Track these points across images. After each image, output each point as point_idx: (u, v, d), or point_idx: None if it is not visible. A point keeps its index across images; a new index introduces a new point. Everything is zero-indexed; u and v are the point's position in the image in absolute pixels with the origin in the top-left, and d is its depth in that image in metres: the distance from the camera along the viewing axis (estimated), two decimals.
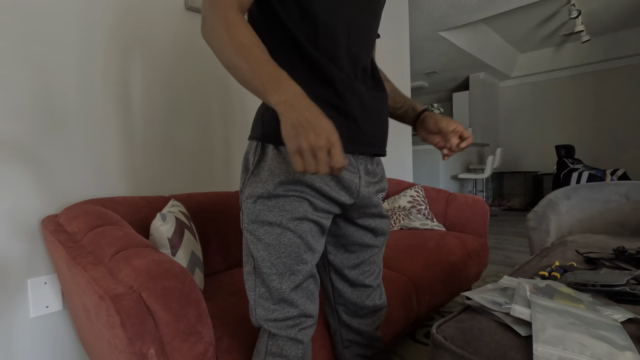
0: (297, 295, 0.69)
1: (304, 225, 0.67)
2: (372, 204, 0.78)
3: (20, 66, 1.05)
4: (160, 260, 0.70)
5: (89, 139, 1.18)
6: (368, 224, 0.79)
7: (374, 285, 0.84)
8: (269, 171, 0.66)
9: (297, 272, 0.68)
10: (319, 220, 0.70)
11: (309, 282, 0.71)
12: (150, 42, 1.33)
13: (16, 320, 1.03)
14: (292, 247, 0.67)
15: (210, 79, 1.52)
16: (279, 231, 0.66)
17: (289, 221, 0.66)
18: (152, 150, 1.34)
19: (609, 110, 5.32)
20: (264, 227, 0.67)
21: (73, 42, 1.15)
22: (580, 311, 0.63)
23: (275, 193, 0.66)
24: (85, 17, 1.17)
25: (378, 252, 0.84)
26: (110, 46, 1.23)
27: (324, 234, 0.74)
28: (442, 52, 4.72)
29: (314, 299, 0.73)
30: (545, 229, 1.64)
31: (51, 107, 1.10)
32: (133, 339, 0.61)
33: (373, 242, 0.82)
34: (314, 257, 0.71)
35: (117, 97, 1.25)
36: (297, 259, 0.67)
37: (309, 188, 0.68)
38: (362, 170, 0.74)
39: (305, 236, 0.68)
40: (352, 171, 0.72)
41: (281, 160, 0.67)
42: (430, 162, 4.47)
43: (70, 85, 1.14)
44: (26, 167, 1.06)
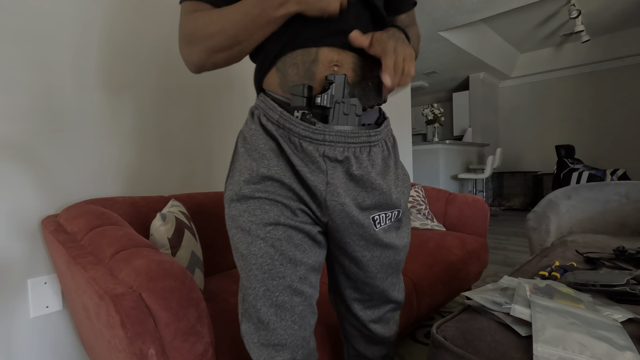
0: (276, 317, 0.59)
1: (277, 232, 0.58)
2: (361, 230, 0.62)
3: (20, 66, 1.05)
4: (160, 260, 0.70)
5: (89, 139, 1.18)
6: (359, 256, 0.65)
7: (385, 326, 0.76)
8: (238, 170, 0.60)
9: (272, 288, 0.58)
10: (301, 227, 0.60)
11: (295, 301, 0.59)
12: (150, 42, 1.33)
13: (16, 320, 1.03)
14: (264, 257, 0.58)
15: (209, 78, 1.52)
16: (249, 239, 0.58)
17: (259, 227, 0.58)
18: (152, 150, 1.34)
19: (609, 110, 5.31)
20: (237, 235, 0.60)
21: (71, 42, 1.15)
22: (580, 311, 0.63)
23: (243, 194, 0.59)
24: (81, 16, 1.17)
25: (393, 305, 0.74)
26: (109, 46, 1.23)
27: (318, 244, 0.64)
28: (442, 52, 4.72)
29: (303, 325, 0.61)
30: (545, 229, 1.64)
31: (51, 107, 1.10)
32: (133, 339, 0.61)
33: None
34: (297, 271, 0.59)
35: (117, 97, 1.25)
36: (270, 272, 0.58)
37: (281, 186, 0.59)
38: (335, 164, 0.59)
39: (279, 245, 0.58)
40: (312, 162, 0.58)
41: (246, 151, 0.61)
42: (430, 162, 4.47)
43: (70, 85, 1.14)
44: (26, 167, 1.06)
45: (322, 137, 0.58)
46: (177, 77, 1.41)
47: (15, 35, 1.04)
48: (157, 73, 1.36)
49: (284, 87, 0.61)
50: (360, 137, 0.60)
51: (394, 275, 0.72)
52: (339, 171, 0.59)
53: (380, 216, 0.64)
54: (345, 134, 0.58)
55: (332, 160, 0.59)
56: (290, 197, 0.59)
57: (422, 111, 4.83)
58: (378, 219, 0.64)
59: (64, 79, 1.13)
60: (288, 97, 0.61)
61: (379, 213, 0.64)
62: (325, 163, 0.59)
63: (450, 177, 4.65)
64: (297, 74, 0.59)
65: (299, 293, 0.60)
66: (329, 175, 0.59)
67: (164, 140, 1.37)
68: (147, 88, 1.33)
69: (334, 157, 0.59)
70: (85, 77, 1.18)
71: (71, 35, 1.15)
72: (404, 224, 0.70)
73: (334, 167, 0.59)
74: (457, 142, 4.60)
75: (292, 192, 0.60)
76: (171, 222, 0.99)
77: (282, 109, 0.59)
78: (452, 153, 4.67)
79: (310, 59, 0.59)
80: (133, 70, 1.29)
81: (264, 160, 0.59)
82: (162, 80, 1.37)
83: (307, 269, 0.61)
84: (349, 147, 0.59)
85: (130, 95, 1.28)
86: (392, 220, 0.66)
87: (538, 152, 5.99)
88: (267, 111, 0.61)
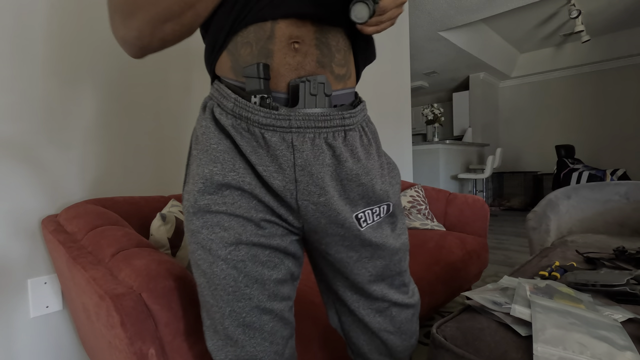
0: (245, 336, 0.54)
1: (239, 253, 0.51)
2: (342, 230, 0.54)
3: (20, 66, 1.05)
4: (160, 260, 0.70)
5: (89, 139, 1.18)
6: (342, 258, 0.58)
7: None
8: (192, 177, 0.52)
9: (238, 310, 0.53)
10: (267, 243, 0.53)
11: (264, 320, 0.55)
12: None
13: (16, 320, 1.03)
14: (227, 279, 0.52)
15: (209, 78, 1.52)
16: (211, 259, 0.52)
17: (219, 247, 0.51)
18: (152, 150, 1.34)
19: (609, 110, 5.31)
20: (198, 252, 0.53)
21: (70, 41, 1.15)
22: (580, 311, 0.63)
23: (198, 207, 0.51)
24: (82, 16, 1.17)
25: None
26: (110, 46, 1.23)
27: (292, 255, 0.57)
28: (442, 52, 4.72)
29: (274, 341, 0.56)
30: (545, 229, 1.64)
31: (51, 107, 1.10)
32: (133, 339, 0.61)
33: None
34: (265, 290, 0.54)
35: (117, 96, 1.25)
36: (235, 294, 0.52)
37: (241, 194, 0.51)
38: (306, 154, 0.50)
39: (242, 266, 0.52)
40: (275, 158, 0.50)
41: (198, 154, 0.52)
42: (430, 162, 4.47)
43: (70, 85, 1.14)
44: (26, 167, 1.06)
45: (287, 123, 0.49)
46: (180, 76, 1.41)
47: (15, 34, 1.04)
48: (157, 73, 1.36)
49: (237, 71, 0.52)
50: (333, 119, 0.51)
51: (394, 277, 0.63)
52: (310, 164, 0.50)
53: (365, 213, 0.56)
54: (314, 117, 0.50)
55: (302, 151, 0.50)
56: (253, 206, 0.52)
57: (422, 111, 4.83)
58: (363, 217, 0.56)
59: (63, 78, 1.13)
60: (242, 82, 0.52)
61: (364, 209, 0.56)
62: (293, 156, 0.50)
63: (450, 177, 4.65)
64: (251, 54, 0.50)
65: (267, 311, 0.55)
66: (297, 170, 0.50)
67: (164, 140, 1.37)
68: (147, 87, 1.33)
69: (303, 147, 0.50)
70: (84, 77, 1.18)
71: (67, 34, 1.15)
72: (400, 220, 0.62)
73: (304, 159, 0.50)
74: (457, 142, 4.60)
75: (255, 200, 0.52)
76: (171, 222, 0.99)
77: (236, 95, 0.50)
78: (452, 153, 4.67)
79: (265, 35, 0.50)
80: (131, 70, 1.29)
81: (217, 164, 0.51)
82: (162, 80, 1.37)
83: (278, 283, 0.55)
84: (320, 132, 0.50)
85: (130, 95, 1.28)
86: (381, 216, 0.58)
87: (538, 152, 5.99)
88: (220, 100, 0.52)
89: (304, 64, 0.51)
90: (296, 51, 0.50)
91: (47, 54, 1.10)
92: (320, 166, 0.51)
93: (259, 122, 0.49)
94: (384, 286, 0.62)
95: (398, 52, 2.65)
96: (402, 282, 0.65)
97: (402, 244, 0.61)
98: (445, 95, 7.22)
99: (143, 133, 1.32)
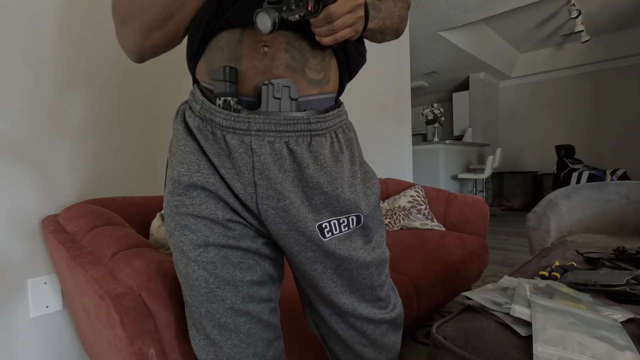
0: (222, 337, 0.55)
1: (208, 255, 0.52)
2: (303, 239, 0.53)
3: (20, 66, 1.05)
4: (160, 260, 0.70)
5: (89, 139, 1.18)
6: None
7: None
8: (166, 179, 0.54)
9: (212, 311, 0.54)
10: (236, 244, 0.53)
11: (240, 321, 0.55)
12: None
13: (16, 320, 1.03)
14: (199, 280, 0.53)
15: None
16: (185, 260, 0.53)
17: (190, 249, 0.52)
18: (152, 150, 1.34)
19: (609, 110, 5.32)
20: (175, 252, 0.55)
21: (69, 40, 1.15)
22: (580, 311, 0.63)
23: (170, 207, 0.53)
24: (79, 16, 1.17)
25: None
26: (109, 45, 1.23)
27: (266, 256, 0.57)
28: (442, 52, 4.72)
29: (252, 343, 0.57)
30: (545, 229, 1.64)
31: (51, 107, 1.10)
32: (133, 339, 0.61)
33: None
34: (239, 292, 0.54)
35: (118, 97, 1.25)
36: (207, 295, 0.53)
37: (207, 195, 0.52)
38: (265, 158, 0.50)
39: (212, 268, 0.52)
40: (234, 161, 0.50)
41: (170, 157, 0.54)
42: (430, 162, 4.47)
43: (69, 85, 1.14)
44: (26, 167, 1.06)
45: (246, 125, 0.48)
46: (178, 78, 1.41)
47: (15, 34, 1.04)
48: (153, 73, 1.36)
49: (210, 74, 0.54)
50: (297, 124, 0.50)
51: (364, 291, 0.59)
52: (268, 168, 0.50)
53: (331, 223, 0.53)
54: (275, 121, 0.49)
55: (260, 155, 0.49)
56: (219, 207, 0.52)
57: (422, 111, 4.83)
58: (328, 227, 0.53)
59: (63, 78, 1.13)
60: (212, 84, 0.54)
61: (329, 219, 0.53)
62: (252, 159, 0.49)
63: (450, 177, 4.65)
64: (222, 58, 0.51)
65: (243, 313, 0.55)
66: (256, 174, 0.50)
67: (164, 140, 1.37)
68: (148, 88, 1.33)
69: (261, 151, 0.49)
70: (83, 77, 1.18)
71: (69, 34, 1.15)
72: (376, 232, 0.59)
73: (262, 163, 0.49)
74: (457, 142, 4.61)
75: (221, 201, 0.52)
76: None
77: (204, 98, 0.52)
78: (452, 153, 4.67)
79: (235, 39, 0.50)
80: (130, 70, 1.29)
81: (184, 165, 0.52)
82: (162, 80, 1.37)
83: (253, 285, 0.55)
84: (281, 136, 0.50)
85: (130, 95, 1.28)
86: (350, 228, 0.55)
87: (538, 152, 5.99)
88: (192, 103, 0.54)
89: (272, 68, 0.50)
90: (265, 55, 0.50)
91: (48, 55, 1.10)
92: (279, 171, 0.50)
93: (221, 124, 0.50)
94: (354, 300, 0.59)
95: (398, 52, 2.65)
96: (375, 297, 0.61)
97: (374, 257, 0.58)
98: (445, 95, 7.22)
99: (143, 133, 1.32)
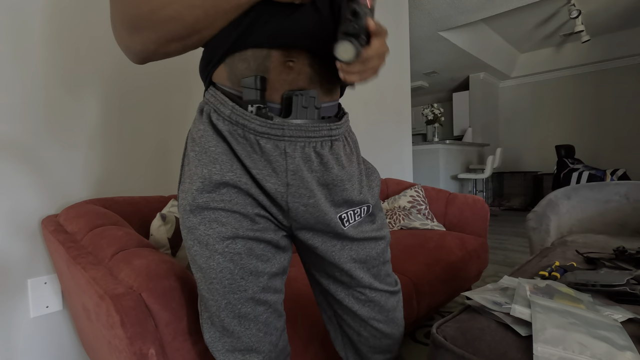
0: (241, 327, 0.58)
1: (236, 246, 0.55)
2: (328, 228, 0.59)
3: (21, 66, 1.05)
4: (160, 260, 0.70)
5: (89, 139, 1.18)
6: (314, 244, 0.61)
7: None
8: (189, 177, 0.55)
9: (234, 301, 0.57)
10: (262, 237, 0.57)
11: (259, 311, 0.59)
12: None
13: (16, 320, 1.03)
14: (224, 272, 0.55)
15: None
16: (207, 253, 0.55)
17: (217, 241, 0.55)
18: (152, 151, 1.34)
19: (609, 110, 5.32)
20: (194, 247, 0.56)
21: (68, 40, 1.15)
22: (580, 311, 0.63)
23: (197, 204, 0.54)
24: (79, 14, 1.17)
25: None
26: (109, 45, 1.23)
27: (282, 249, 0.62)
28: (442, 52, 4.72)
29: (268, 331, 0.61)
30: (545, 229, 1.64)
31: (51, 107, 1.10)
32: (133, 339, 0.61)
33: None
34: (259, 282, 0.58)
35: (117, 97, 1.25)
36: (231, 286, 0.56)
37: (237, 192, 0.55)
38: (297, 161, 0.55)
39: (238, 259, 0.55)
40: (269, 162, 0.54)
41: (196, 155, 0.55)
42: (430, 162, 4.47)
43: (69, 85, 1.14)
44: (26, 167, 1.06)
45: (281, 132, 0.53)
46: (177, 77, 1.41)
47: (14, 34, 1.04)
48: (153, 74, 1.36)
49: (233, 80, 0.56)
50: (321, 130, 0.56)
51: (379, 268, 0.67)
52: (300, 169, 0.55)
53: (348, 214, 0.61)
54: (305, 128, 0.54)
55: (293, 158, 0.55)
56: (249, 203, 0.56)
57: (422, 111, 4.84)
58: (346, 217, 0.61)
59: (62, 78, 1.13)
60: (239, 90, 0.56)
61: (347, 210, 0.61)
62: (285, 161, 0.54)
63: (450, 177, 4.65)
64: (248, 68, 0.54)
65: (262, 302, 0.59)
66: (289, 175, 0.55)
67: (164, 140, 1.37)
68: (148, 88, 1.33)
69: (295, 154, 0.55)
70: (83, 77, 1.18)
71: (68, 34, 1.15)
72: (379, 217, 0.67)
73: (295, 165, 0.55)
74: (457, 142, 4.60)
75: (250, 198, 0.56)
76: (171, 222, 0.99)
77: (234, 104, 0.54)
78: (452, 153, 4.67)
79: (262, 55, 0.53)
80: (130, 70, 1.29)
81: (216, 165, 0.54)
82: (162, 80, 1.37)
83: (270, 276, 0.59)
84: (310, 142, 0.55)
85: (129, 95, 1.28)
86: (362, 216, 0.63)
87: (538, 152, 5.99)
88: (217, 106, 0.56)
89: (297, 80, 0.55)
90: (291, 69, 0.54)
91: (48, 55, 1.10)
92: (309, 172, 0.56)
93: (255, 129, 0.53)
94: (370, 276, 0.66)
95: (398, 52, 2.65)
96: (386, 273, 0.69)
97: (383, 235, 0.66)
98: (445, 95, 7.22)
99: (143, 133, 1.32)
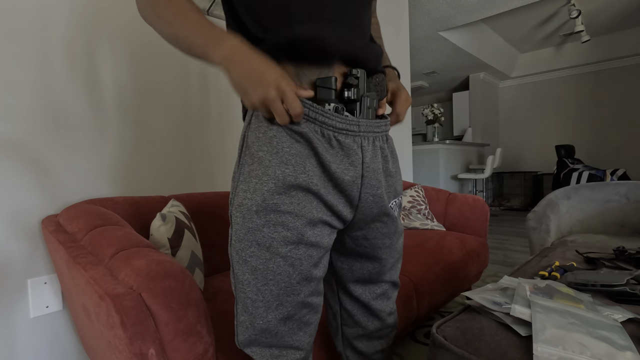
0: (285, 327, 0.60)
1: (299, 252, 0.56)
2: (386, 218, 0.65)
3: (20, 66, 1.05)
4: (160, 260, 0.70)
5: (89, 139, 1.18)
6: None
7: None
8: (257, 177, 0.55)
9: (285, 304, 0.58)
10: (321, 243, 0.59)
11: (303, 312, 0.61)
12: (158, 44, 1.33)
13: (16, 320, 1.03)
14: (282, 275, 0.56)
15: (208, 79, 1.52)
16: (268, 256, 0.55)
17: (281, 245, 0.55)
18: (152, 150, 1.34)
19: (609, 110, 5.32)
20: (251, 248, 0.56)
21: (67, 40, 1.15)
22: (580, 311, 0.63)
23: (265, 205, 0.55)
24: (78, 14, 1.17)
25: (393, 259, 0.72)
26: (108, 45, 1.23)
27: (328, 252, 0.64)
28: (442, 52, 4.73)
29: (307, 331, 0.63)
30: (545, 229, 1.64)
31: (51, 107, 1.10)
32: (133, 339, 0.61)
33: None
34: (310, 286, 0.60)
35: (117, 97, 1.25)
36: (286, 289, 0.57)
37: (306, 194, 0.56)
38: (371, 154, 0.60)
39: (299, 264, 0.57)
40: (347, 156, 0.57)
41: (266, 155, 0.55)
42: (430, 162, 4.47)
43: (68, 85, 1.14)
44: (26, 167, 1.06)
45: (357, 127, 0.58)
46: (176, 77, 1.41)
47: (15, 34, 1.04)
48: (154, 74, 1.36)
49: (301, 77, 0.57)
50: (380, 126, 0.62)
51: (399, 260, 0.74)
52: (373, 161, 0.60)
53: (394, 202, 0.66)
54: (372, 125, 0.60)
55: (367, 151, 0.59)
56: (314, 207, 0.57)
57: (422, 111, 4.84)
58: (393, 206, 0.66)
59: (62, 78, 1.13)
60: (305, 88, 0.57)
61: (394, 200, 0.66)
62: (362, 155, 0.59)
63: (450, 177, 4.65)
64: (319, 73, 0.58)
65: (308, 305, 0.61)
66: (364, 167, 0.59)
67: (164, 140, 1.37)
68: (147, 88, 1.33)
69: (369, 147, 0.60)
70: (82, 77, 1.18)
71: (67, 34, 1.15)
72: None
73: (369, 157, 0.60)
74: (457, 142, 4.60)
75: (318, 200, 0.57)
76: (171, 222, 0.99)
77: (310, 101, 0.55)
78: (452, 153, 4.67)
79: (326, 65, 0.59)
80: (130, 70, 1.29)
81: (289, 166, 0.55)
82: (162, 80, 1.37)
83: (319, 281, 0.62)
84: (376, 137, 0.61)
85: (129, 95, 1.28)
86: (399, 207, 0.69)
87: (538, 152, 5.99)
88: None
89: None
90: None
91: (51, 55, 1.10)
92: (377, 164, 0.61)
93: (335, 126, 0.56)
94: (395, 271, 0.73)
95: (398, 52, 2.65)
96: (399, 266, 0.76)
97: (402, 229, 0.72)
98: (445, 95, 7.22)
99: (143, 134, 1.32)
